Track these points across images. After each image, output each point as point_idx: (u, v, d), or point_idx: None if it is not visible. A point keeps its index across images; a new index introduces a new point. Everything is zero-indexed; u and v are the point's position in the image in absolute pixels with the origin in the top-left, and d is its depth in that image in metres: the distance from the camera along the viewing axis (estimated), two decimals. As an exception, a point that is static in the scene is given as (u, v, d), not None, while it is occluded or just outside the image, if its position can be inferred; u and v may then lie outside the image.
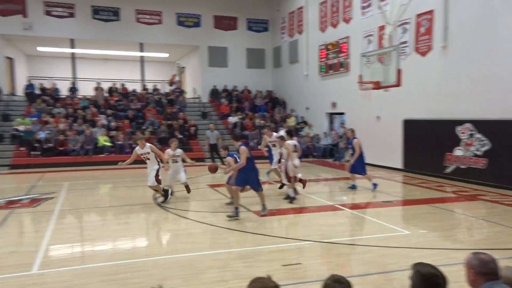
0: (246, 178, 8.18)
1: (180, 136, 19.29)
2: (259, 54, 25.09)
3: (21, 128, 17.87)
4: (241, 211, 8.39)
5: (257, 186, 8.34)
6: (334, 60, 18.86)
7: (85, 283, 5.00)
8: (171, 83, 24.71)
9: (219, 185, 11.61)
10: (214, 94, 23.89)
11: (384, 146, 15.55)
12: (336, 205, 9.50)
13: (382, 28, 14.13)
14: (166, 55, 27.09)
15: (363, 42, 16.58)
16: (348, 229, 8.00)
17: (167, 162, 9.94)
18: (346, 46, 17.91)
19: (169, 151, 10.04)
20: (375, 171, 14.77)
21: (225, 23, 24.25)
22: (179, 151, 10.13)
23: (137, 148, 9.58)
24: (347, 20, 17.88)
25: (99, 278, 5.14)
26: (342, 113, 18.86)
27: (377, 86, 11.72)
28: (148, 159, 9.52)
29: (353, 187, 11.28)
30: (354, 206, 9.51)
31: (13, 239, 7.18)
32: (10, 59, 22.98)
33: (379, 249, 6.19)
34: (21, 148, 17.29)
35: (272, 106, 23.46)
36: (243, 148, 8.05)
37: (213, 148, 16.86)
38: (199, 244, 6.70)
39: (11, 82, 22.96)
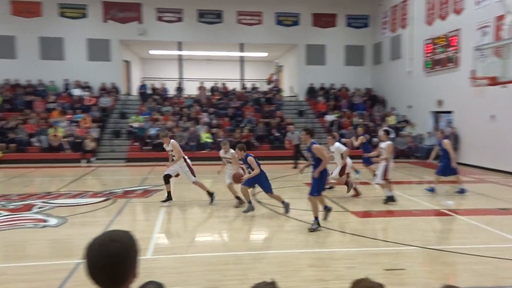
0: (323, 178, 7.44)
1: (277, 134, 19.62)
2: (358, 51, 24.38)
3: (135, 125, 19.70)
4: (340, 211, 8.27)
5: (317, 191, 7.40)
6: (441, 55, 17.58)
7: (191, 271, 5.34)
8: (269, 81, 25.21)
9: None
10: (311, 92, 23.79)
11: (500, 148, 14.09)
12: (442, 210, 8.87)
13: (500, 18, 12.82)
14: (265, 54, 27.65)
15: (476, 35, 15.17)
16: (456, 236, 7.43)
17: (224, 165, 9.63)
18: (456, 40, 16.57)
19: (221, 152, 9.68)
20: (489, 175, 13.49)
21: (323, 20, 23.97)
22: (230, 153, 9.41)
23: (164, 145, 9.49)
24: (458, 11, 16.52)
25: (204, 268, 5.45)
26: (449, 112, 17.51)
27: (494, 82, 10.73)
28: (174, 155, 9.43)
29: (461, 191, 10.42)
30: (463, 212, 8.78)
31: (129, 225, 7.94)
32: (127, 62, 25.45)
33: (494, 260, 5.64)
34: (135, 143, 19.05)
35: (371, 105, 22.66)
36: (318, 146, 7.35)
37: (297, 148, 16.93)
38: (298, 241, 6.74)
39: (127, 83, 25.42)
